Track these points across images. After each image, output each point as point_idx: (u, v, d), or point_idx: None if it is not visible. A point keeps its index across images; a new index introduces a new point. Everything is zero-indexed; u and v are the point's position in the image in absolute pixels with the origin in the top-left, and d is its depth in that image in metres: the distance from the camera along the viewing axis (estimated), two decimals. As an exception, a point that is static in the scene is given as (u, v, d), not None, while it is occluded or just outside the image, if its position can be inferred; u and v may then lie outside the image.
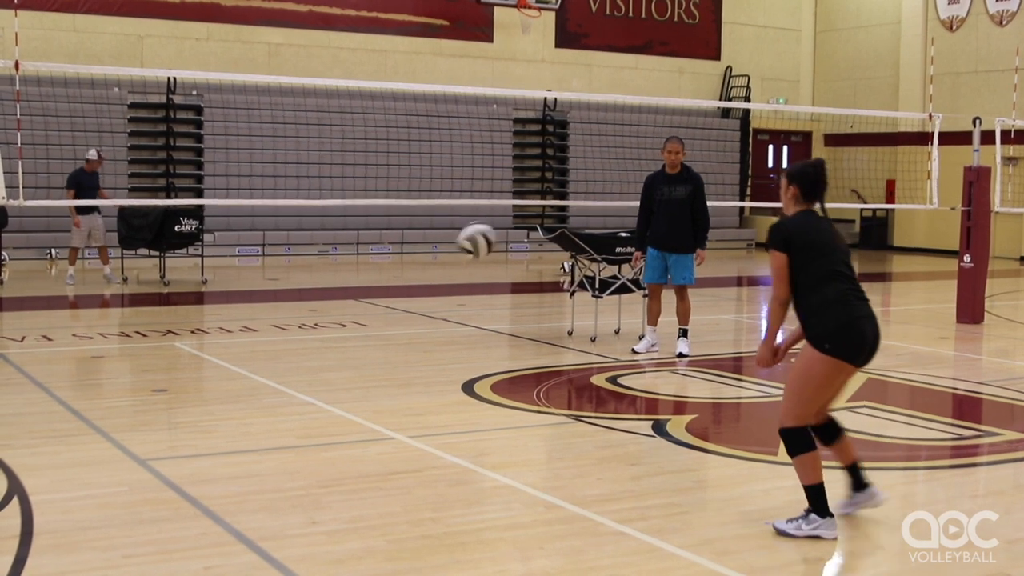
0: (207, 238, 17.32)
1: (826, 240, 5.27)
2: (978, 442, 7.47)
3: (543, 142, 24.56)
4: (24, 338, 10.81)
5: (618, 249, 10.98)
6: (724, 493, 6.00)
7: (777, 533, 5.20)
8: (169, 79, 20.28)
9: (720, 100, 26.36)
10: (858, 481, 5.48)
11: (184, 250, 16.26)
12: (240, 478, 6.09)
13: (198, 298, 14.84)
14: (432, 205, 20.96)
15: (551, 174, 24.47)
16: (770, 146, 27.96)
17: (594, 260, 11.00)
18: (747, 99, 26.02)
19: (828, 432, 5.43)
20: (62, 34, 20.06)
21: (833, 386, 5.25)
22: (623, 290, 11.13)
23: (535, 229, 18.84)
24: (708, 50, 26.65)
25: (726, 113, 26.44)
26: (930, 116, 14.38)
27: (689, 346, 10.33)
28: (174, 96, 20.82)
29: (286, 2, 21.88)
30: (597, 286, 11.03)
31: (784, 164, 27.91)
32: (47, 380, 8.69)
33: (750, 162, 26.77)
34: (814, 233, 5.26)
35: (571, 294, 11.70)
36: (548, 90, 23.06)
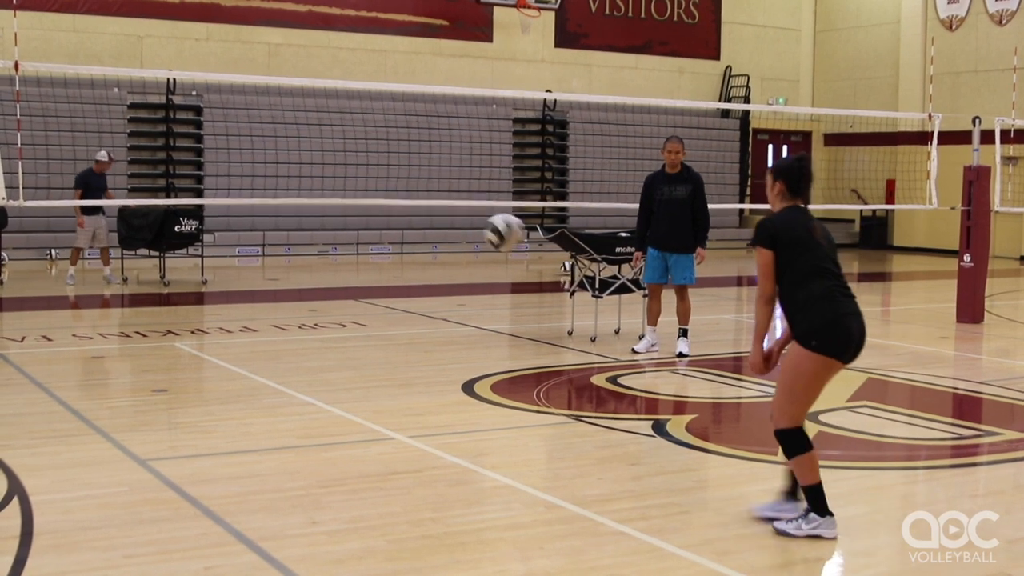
0: (207, 238, 17.32)
1: (812, 236, 5.25)
2: (978, 442, 7.47)
3: (543, 142, 24.57)
4: (24, 338, 10.81)
5: (618, 249, 10.98)
6: (724, 493, 6.00)
7: (777, 533, 5.20)
8: (169, 79, 20.28)
9: (720, 100, 26.37)
10: (795, 491, 5.39)
11: (184, 250, 16.25)
12: (240, 478, 6.08)
13: (198, 298, 14.84)
14: (432, 205, 20.97)
15: (551, 174, 24.47)
16: (770, 146, 27.96)
17: (594, 260, 11.00)
18: (747, 99, 26.03)
19: None
20: (62, 34, 20.06)
21: (823, 384, 5.22)
22: (623, 290, 11.13)
23: (535, 229, 18.77)
24: (708, 50, 26.66)
25: (726, 113, 26.45)
26: (930, 116, 14.38)
27: (689, 346, 10.33)
28: (174, 96, 20.83)
29: (286, 2, 21.89)
30: (597, 286, 11.03)
31: (784, 164, 27.87)
32: (47, 380, 8.69)
33: (750, 162, 26.77)
34: (800, 229, 5.25)
35: (571, 294, 11.70)
36: (548, 90, 23.09)
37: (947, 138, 15.59)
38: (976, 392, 9.06)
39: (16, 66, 10.75)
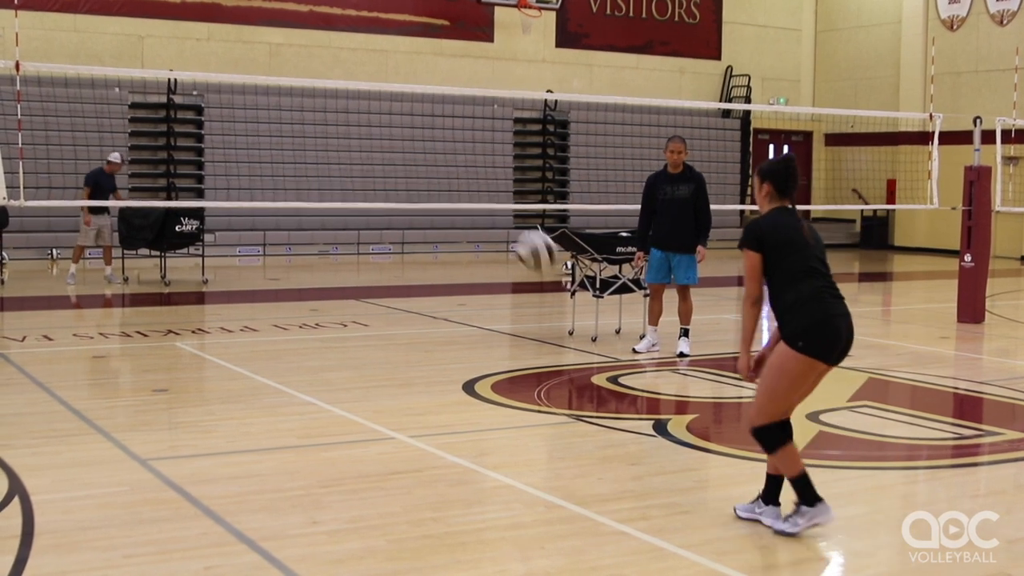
0: (208, 238, 17.31)
1: (800, 237, 5.23)
2: (979, 442, 7.46)
3: (544, 142, 24.56)
4: (25, 338, 10.81)
5: (619, 249, 10.98)
6: (725, 493, 6.00)
7: (775, 533, 5.19)
8: (170, 79, 20.27)
9: (721, 100, 26.36)
10: (773, 493, 5.36)
11: (185, 250, 16.26)
12: (241, 478, 6.09)
13: (199, 298, 14.84)
14: (432, 207, 20.94)
15: (552, 174, 24.46)
16: (771, 146, 27.94)
17: (595, 260, 11.00)
18: (748, 99, 26.02)
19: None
20: (63, 34, 20.06)
21: (806, 384, 5.19)
22: (624, 290, 11.13)
23: (536, 229, 18.81)
24: (709, 50, 26.65)
25: (727, 113, 26.43)
26: (931, 116, 14.37)
27: (690, 346, 10.33)
28: (175, 96, 20.83)
29: (287, 2, 21.89)
30: (598, 286, 11.03)
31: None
32: (48, 380, 8.70)
33: (751, 162, 26.75)
34: (788, 230, 5.24)
35: (572, 294, 11.71)
36: (549, 90, 23.09)
37: (948, 138, 15.58)
38: (977, 392, 9.05)
39: (17, 66, 10.74)
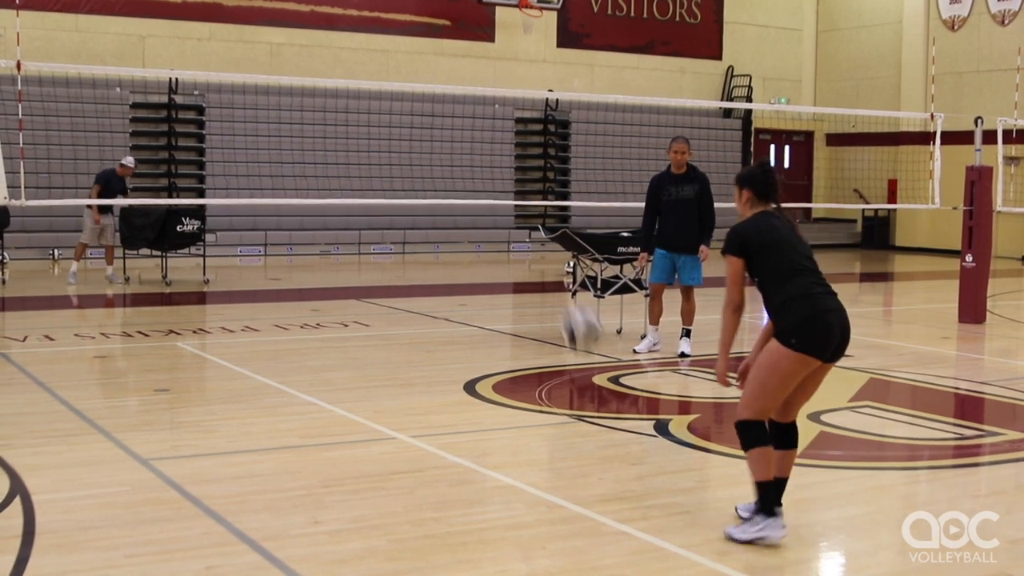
0: (209, 238, 17.32)
1: (784, 237, 5.22)
2: (980, 442, 7.46)
3: (545, 142, 24.56)
4: (26, 338, 10.81)
5: (620, 249, 10.98)
6: (726, 493, 5.99)
7: (727, 539, 5.13)
8: (171, 79, 20.29)
9: (722, 100, 26.36)
10: (776, 497, 5.28)
11: (186, 250, 16.25)
12: (242, 478, 6.09)
13: (200, 298, 14.84)
14: (434, 205, 20.96)
15: (553, 174, 24.47)
16: (772, 146, 27.94)
17: (596, 260, 11.00)
18: (749, 99, 26.02)
19: (785, 437, 5.27)
20: (64, 34, 20.07)
21: (797, 381, 5.11)
22: (625, 290, 11.13)
23: (537, 229, 18.82)
24: (710, 50, 26.64)
25: (728, 113, 26.44)
26: (932, 116, 14.36)
27: (691, 346, 10.33)
28: (176, 96, 20.84)
29: (288, 2, 21.89)
30: (599, 286, 11.03)
31: (786, 164, 27.95)
32: (49, 380, 8.70)
33: (752, 162, 26.73)
34: (771, 232, 5.23)
35: (573, 294, 11.70)
36: (550, 90, 23.07)
37: (949, 138, 15.57)
38: (978, 392, 9.05)
39: (18, 66, 10.75)
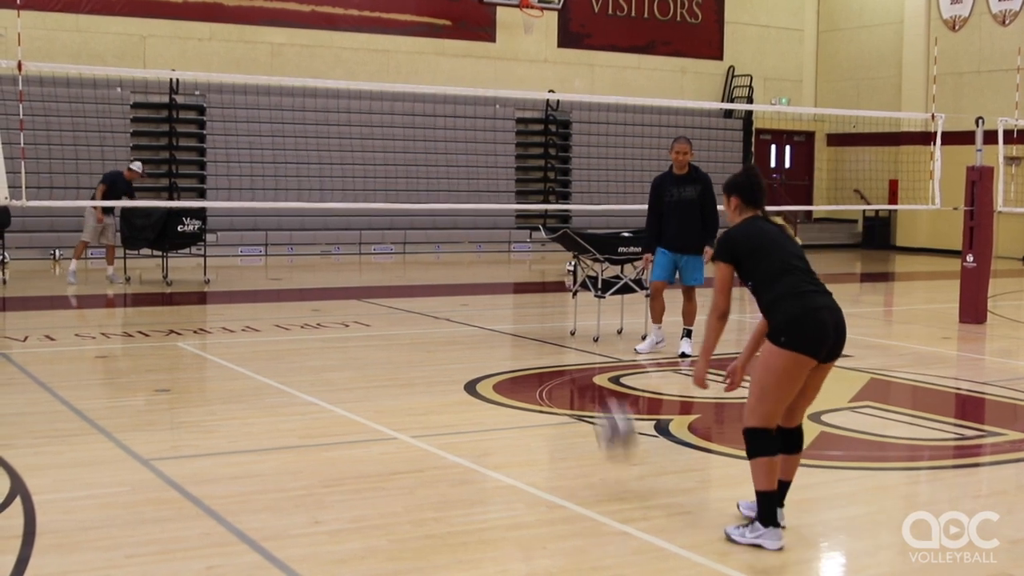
0: (210, 238, 17.32)
1: (773, 240, 5.23)
2: (981, 442, 7.46)
3: (546, 142, 24.56)
4: (27, 338, 10.82)
5: (621, 249, 10.97)
6: (727, 493, 5.99)
7: (727, 539, 5.15)
8: (172, 79, 20.29)
9: (723, 100, 26.36)
10: (778, 499, 5.27)
11: (187, 250, 16.25)
12: (242, 478, 6.09)
13: (201, 298, 14.84)
14: (434, 207, 20.95)
15: (554, 174, 24.47)
16: (773, 146, 27.95)
17: (597, 260, 11.00)
18: (750, 99, 26.02)
19: (790, 441, 5.26)
20: (65, 34, 20.08)
21: (796, 382, 5.08)
22: (626, 290, 11.12)
23: (538, 229, 18.82)
24: (711, 50, 26.64)
25: (729, 113, 26.43)
26: (933, 116, 14.35)
27: (692, 346, 10.31)
28: (177, 96, 20.85)
29: (289, 2, 21.90)
30: (600, 286, 11.03)
31: (787, 164, 27.95)
32: (50, 380, 8.70)
33: (753, 162, 26.74)
34: (760, 236, 5.24)
35: (574, 294, 11.71)
36: (551, 90, 23.08)
37: (950, 138, 15.57)
38: (979, 393, 9.05)
39: (19, 66, 10.74)
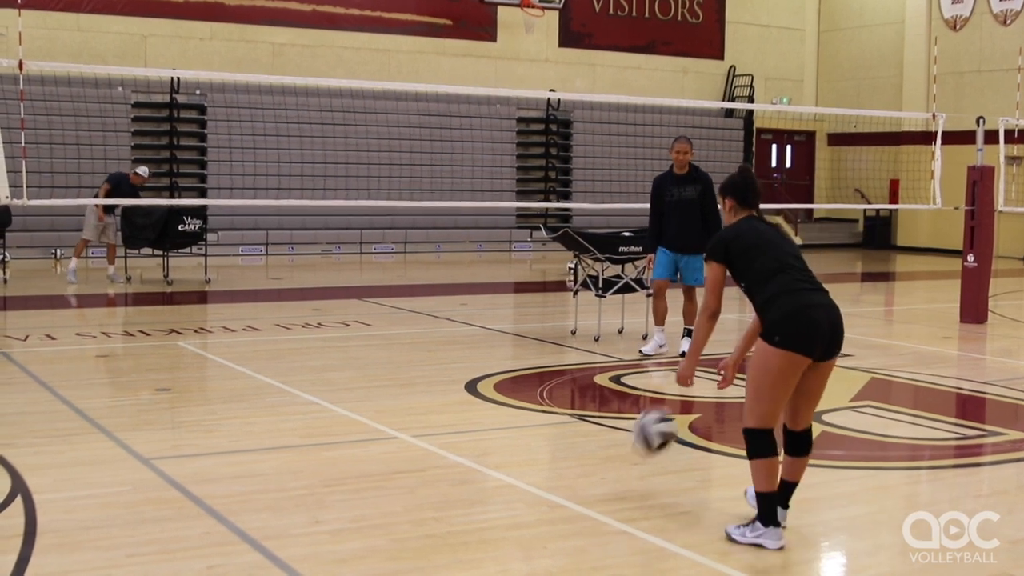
0: (210, 237, 17.32)
1: (767, 239, 5.21)
2: (981, 442, 7.46)
3: (547, 141, 24.56)
4: (28, 337, 10.82)
5: (621, 248, 10.97)
6: (727, 493, 5.99)
7: (727, 538, 5.15)
8: (173, 78, 20.28)
9: (724, 100, 26.35)
10: (782, 498, 5.27)
11: (188, 249, 16.25)
12: (243, 477, 6.09)
13: (201, 297, 14.85)
14: (435, 205, 20.96)
15: (555, 173, 24.46)
16: (773, 146, 27.94)
17: (597, 259, 11.00)
18: (751, 99, 26.01)
19: (797, 444, 5.25)
20: (66, 33, 20.08)
21: (791, 381, 5.04)
22: (626, 289, 11.12)
23: (538, 228, 18.81)
24: (712, 50, 26.64)
25: (729, 113, 26.43)
26: (933, 116, 14.35)
27: (692, 346, 10.29)
28: (178, 95, 20.85)
29: (290, 1, 21.90)
30: (600, 285, 11.03)
31: (788, 164, 27.95)
32: (50, 379, 8.70)
33: (754, 162, 26.73)
34: (753, 235, 5.22)
35: (574, 293, 11.71)
36: (552, 90, 23.07)
37: (951, 138, 15.57)
38: (980, 392, 9.05)
39: (20, 65, 10.75)
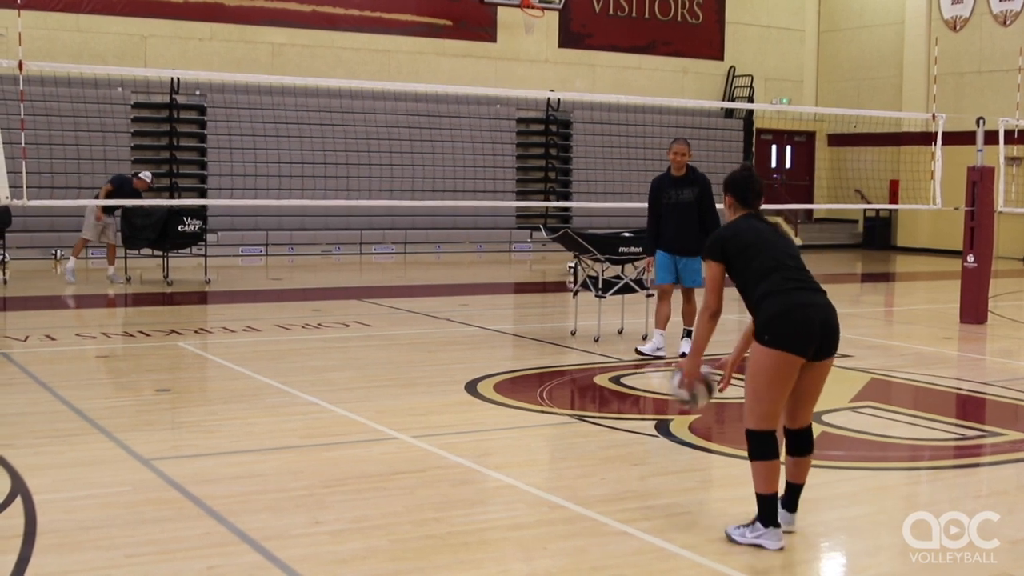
0: (210, 238, 17.31)
1: (764, 238, 5.20)
2: (981, 442, 7.46)
3: (546, 142, 24.56)
4: (28, 337, 10.82)
5: (621, 249, 10.97)
6: (727, 493, 6.00)
7: (727, 539, 5.15)
8: (172, 79, 20.29)
9: (723, 100, 26.35)
10: (789, 502, 5.28)
11: (187, 250, 16.25)
12: (243, 478, 6.09)
13: (201, 298, 14.85)
14: (435, 205, 20.96)
15: (554, 174, 24.46)
16: (773, 146, 27.94)
17: (597, 260, 11.00)
18: (750, 99, 26.01)
19: (797, 443, 5.24)
20: (66, 34, 20.08)
21: (787, 381, 5.02)
22: (626, 290, 11.12)
23: (538, 229, 18.82)
24: (711, 50, 26.64)
25: (729, 113, 26.43)
26: (933, 116, 14.35)
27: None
28: (177, 96, 20.84)
29: (289, 2, 21.90)
30: (600, 286, 11.03)
31: (788, 164, 27.95)
32: (50, 380, 8.70)
33: (753, 162, 26.74)
34: (750, 234, 5.21)
35: (574, 294, 11.71)
36: (551, 90, 23.05)
37: (951, 138, 15.57)
38: (979, 393, 9.05)
39: (20, 65, 10.75)
